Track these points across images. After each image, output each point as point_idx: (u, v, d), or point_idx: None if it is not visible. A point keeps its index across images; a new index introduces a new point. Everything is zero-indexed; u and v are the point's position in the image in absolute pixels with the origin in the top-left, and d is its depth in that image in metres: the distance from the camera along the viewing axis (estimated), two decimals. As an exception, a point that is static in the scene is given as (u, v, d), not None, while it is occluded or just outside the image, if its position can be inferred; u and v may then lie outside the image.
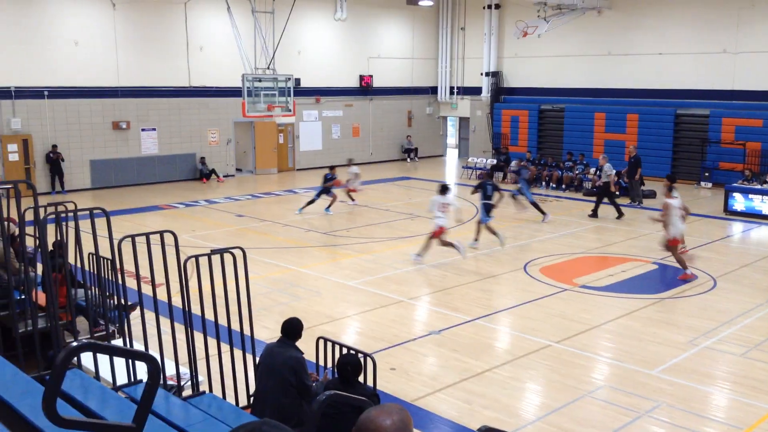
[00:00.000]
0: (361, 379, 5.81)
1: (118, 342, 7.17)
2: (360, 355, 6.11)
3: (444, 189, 13.91)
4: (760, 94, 23.30)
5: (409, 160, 30.96)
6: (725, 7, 23.72)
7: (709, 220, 18.45)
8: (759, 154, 22.79)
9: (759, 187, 19.15)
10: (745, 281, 12.90)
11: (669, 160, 25.04)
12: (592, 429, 7.20)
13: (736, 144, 23.16)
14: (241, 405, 6.27)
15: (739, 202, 19.00)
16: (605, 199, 18.60)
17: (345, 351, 6.24)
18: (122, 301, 6.00)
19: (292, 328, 6.08)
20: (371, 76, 29.61)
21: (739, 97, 23.80)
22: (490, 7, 29.67)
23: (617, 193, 19.65)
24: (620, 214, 18.43)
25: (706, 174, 23.77)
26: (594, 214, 18.61)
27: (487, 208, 15.08)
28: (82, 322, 7.72)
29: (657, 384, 8.31)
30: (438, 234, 13.52)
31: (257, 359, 6.32)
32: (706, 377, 8.59)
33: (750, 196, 18.91)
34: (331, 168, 19.50)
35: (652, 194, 21.65)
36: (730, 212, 19.07)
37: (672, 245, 12.83)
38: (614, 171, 19.26)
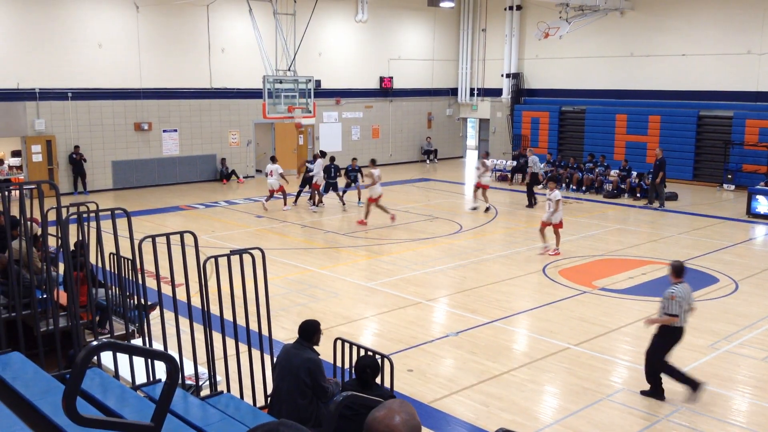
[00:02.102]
0: (378, 380, 5.82)
1: (137, 341, 7.24)
2: (377, 356, 6.13)
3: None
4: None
5: (428, 161, 30.93)
6: (750, 7, 23.43)
7: (731, 223, 18.23)
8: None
9: None
10: (767, 284, 12.74)
11: (691, 162, 24.79)
12: (610, 433, 7.15)
13: (760, 146, 22.86)
14: (258, 405, 6.31)
15: (762, 204, 18.74)
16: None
17: (363, 352, 6.26)
18: (142, 301, 6.06)
19: (309, 330, 6.11)
20: (391, 78, 29.63)
21: (764, 98, 23.49)
22: (511, 8, 29.57)
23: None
24: (530, 204, 20.23)
25: (729, 176, 23.48)
26: (530, 204, 20.32)
27: None
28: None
29: (677, 388, 8.21)
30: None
31: (275, 360, 6.36)
32: (727, 381, 8.49)
33: (774, 198, 18.65)
34: (353, 160, 20.63)
35: (674, 196, 21.44)
36: (753, 215, 18.82)
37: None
38: (541, 163, 22.35)
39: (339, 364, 6.75)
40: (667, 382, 8.13)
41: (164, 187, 23.67)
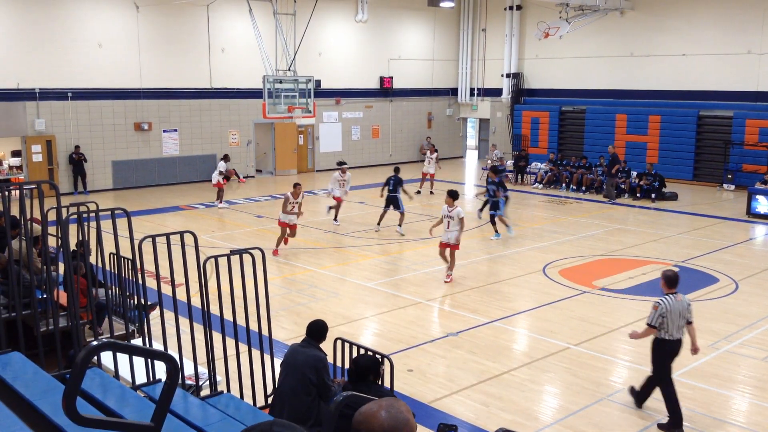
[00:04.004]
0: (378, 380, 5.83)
1: (137, 341, 7.24)
2: (377, 356, 6.14)
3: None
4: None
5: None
6: (750, 7, 23.43)
7: (731, 223, 18.24)
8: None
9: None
10: (767, 284, 12.74)
11: (691, 161, 24.79)
12: (610, 433, 7.15)
13: (760, 146, 22.86)
14: (258, 405, 6.31)
15: (762, 204, 18.75)
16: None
17: (362, 352, 6.27)
18: (142, 301, 6.06)
19: (317, 330, 6.21)
20: (391, 78, 29.63)
21: (764, 98, 23.49)
22: (511, 8, 29.57)
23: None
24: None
25: (729, 176, 23.48)
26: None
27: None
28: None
29: (677, 388, 8.21)
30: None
31: (275, 359, 6.37)
32: (727, 381, 8.50)
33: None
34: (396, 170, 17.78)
35: (674, 196, 21.47)
36: (753, 215, 18.83)
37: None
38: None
39: (339, 363, 6.75)
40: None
41: (164, 187, 23.67)
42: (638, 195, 21.77)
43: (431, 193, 22.37)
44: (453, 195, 12.47)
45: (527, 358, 9.22)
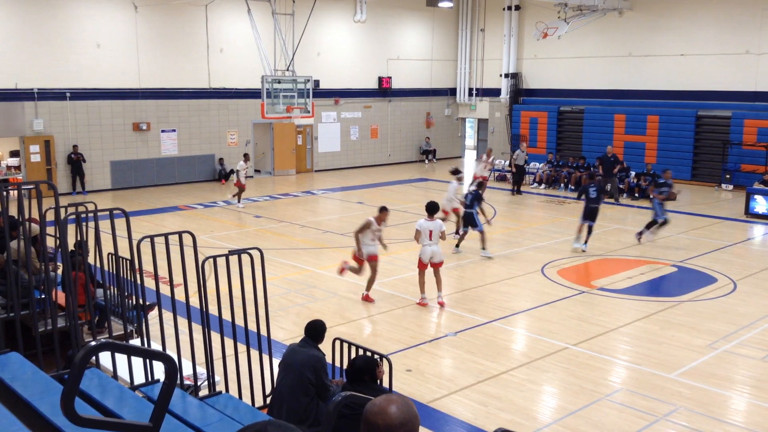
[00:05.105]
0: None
1: (136, 342, 7.24)
2: (376, 356, 6.14)
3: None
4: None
5: (427, 161, 30.93)
6: (748, 7, 23.45)
7: (729, 223, 18.26)
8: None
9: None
10: (766, 284, 12.75)
11: (689, 161, 24.81)
12: (608, 433, 7.16)
13: (758, 146, 22.88)
14: (257, 405, 6.31)
15: (760, 204, 18.77)
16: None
17: (361, 352, 6.27)
18: (141, 301, 6.06)
19: (315, 330, 6.23)
20: (390, 78, 29.64)
21: (762, 98, 23.51)
22: (510, 8, 29.57)
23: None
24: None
25: (727, 176, 23.51)
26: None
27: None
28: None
29: (675, 387, 8.24)
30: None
31: (274, 359, 6.37)
32: (725, 381, 8.50)
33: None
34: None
35: (672, 197, 21.41)
36: (751, 215, 18.85)
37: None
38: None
39: (338, 364, 6.75)
40: (666, 385, 8.13)
41: (163, 187, 23.66)
42: (636, 195, 21.78)
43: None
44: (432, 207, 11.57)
45: (526, 358, 9.23)
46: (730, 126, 23.81)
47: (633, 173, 22.52)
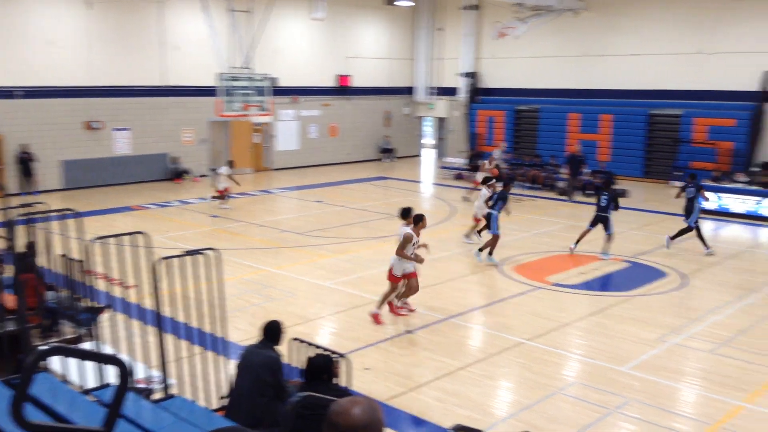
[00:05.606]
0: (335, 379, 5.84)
1: (88, 345, 7.11)
2: (334, 355, 6.15)
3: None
4: (733, 94, 23.69)
5: (386, 160, 30.99)
6: (700, 8, 24.08)
7: (679, 219, 18.69)
8: (730, 153, 23.17)
9: (729, 186, 19.48)
10: (715, 279, 13.15)
11: (641, 159, 25.38)
12: (563, 426, 7.30)
13: (707, 143, 23.52)
14: (213, 408, 6.26)
15: (709, 200, 19.26)
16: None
17: (319, 351, 6.27)
18: (93, 304, 5.96)
19: (272, 330, 6.19)
20: (349, 76, 29.61)
21: (712, 97, 24.17)
22: (468, 8, 29.79)
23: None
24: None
25: (678, 173, 24.10)
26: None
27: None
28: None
29: (627, 380, 8.44)
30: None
31: (230, 361, 6.33)
32: (675, 373, 8.74)
33: (720, 194, 19.22)
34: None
35: (623, 193, 21.89)
36: (700, 211, 19.31)
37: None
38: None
39: (296, 364, 6.74)
40: (618, 378, 8.31)
41: (116, 186, 23.22)
42: (590, 192, 22.17)
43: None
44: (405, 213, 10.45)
45: (482, 353, 9.34)
46: (680, 124, 24.43)
47: (587, 171, 22.92)
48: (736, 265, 14.21)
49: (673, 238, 15.11)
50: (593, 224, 14.54)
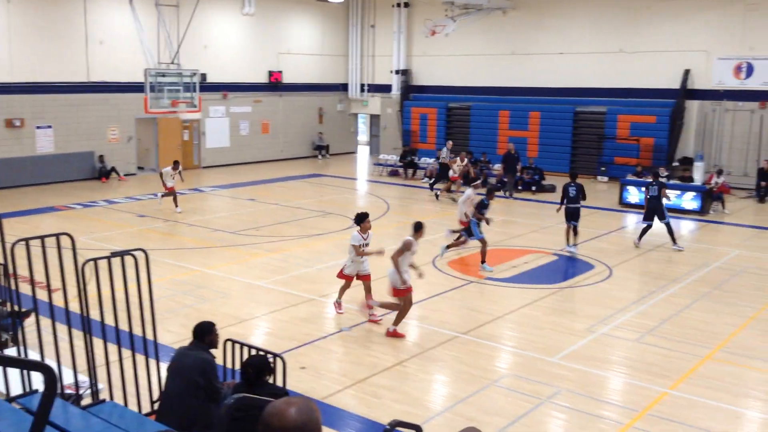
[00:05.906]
0: (271, 379, 5.79)
1: (11, 351, 6.84)
2: (269, 355, 6.09)
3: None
4: (653, 92, 24.63)
5: (320, 157, 30.88)
6: (622, 8, 24.91)
7: (605, 212, 19.35)
8: (651, 149, 24.10)
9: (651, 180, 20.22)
10: (639, 270, 13.66)
11: (568, 155, 26.09)
12: (497, 417, 7.45)
13: (630, 139, 24.39)
14: (144, 412, 6.12)
15: (632, 194, 20.03)
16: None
17: (254, 352, 6.20)
18: (16, 308, 5.74)
19: (202, 331, 6.07)
20: (281, 72, 29.34)
21: (634, 94, 25.06)
22: (399, 5, 29.95)
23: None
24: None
25: (603, 168, 24.91)
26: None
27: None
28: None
29: (557, 371, 8.67)
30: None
31: (161, 364, 6.19)
32: (603, 363, 9.03)
33: (643, 189, 19.94)
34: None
35: (552, 188, 22.46)
36: (624, 204, 20.10)
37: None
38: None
39: (230, 365, 6.64)
40: (549, 368, 8.53)
41: (38, 186, 22.33)
42: (520, 188, 22.67)
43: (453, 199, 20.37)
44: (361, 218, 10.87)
45: (418, 348, 9.43)
46: (605, 121, 25.24)
47: (519, 166, 23.39)
48: (658, 256, 14.78)
49: (639, 238, 15.38)
50: (568, 219, 14.60)
